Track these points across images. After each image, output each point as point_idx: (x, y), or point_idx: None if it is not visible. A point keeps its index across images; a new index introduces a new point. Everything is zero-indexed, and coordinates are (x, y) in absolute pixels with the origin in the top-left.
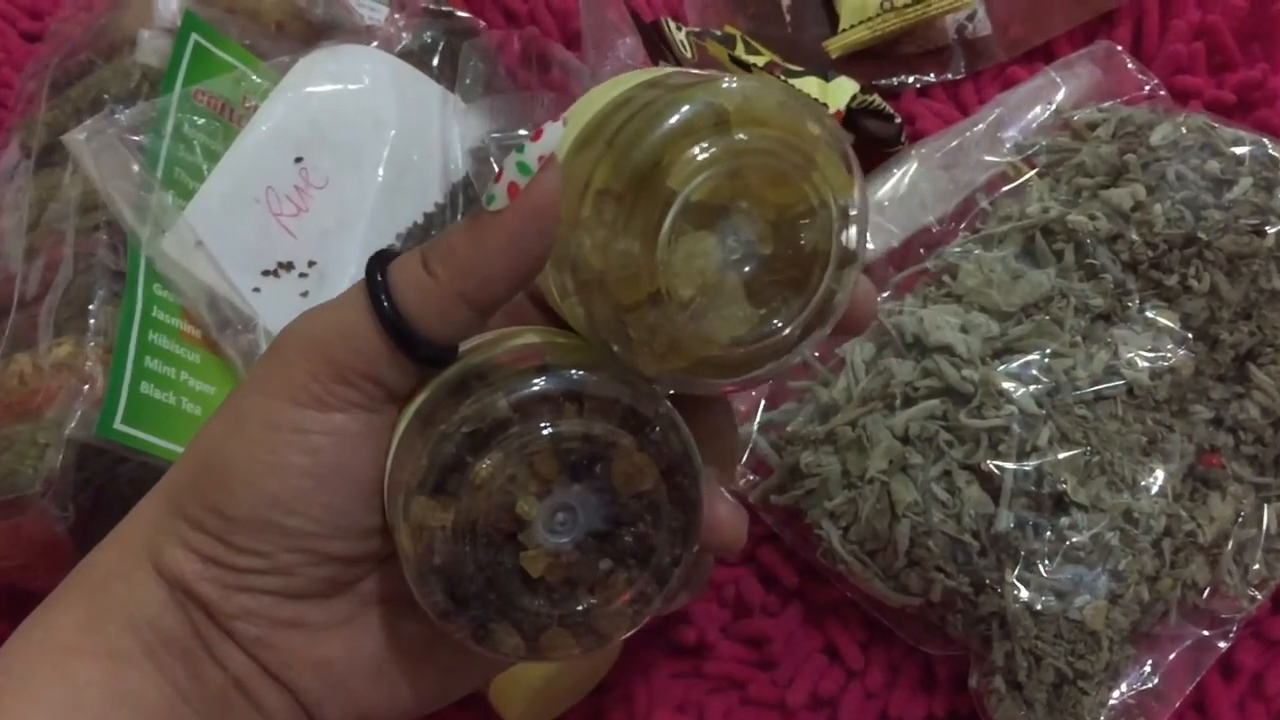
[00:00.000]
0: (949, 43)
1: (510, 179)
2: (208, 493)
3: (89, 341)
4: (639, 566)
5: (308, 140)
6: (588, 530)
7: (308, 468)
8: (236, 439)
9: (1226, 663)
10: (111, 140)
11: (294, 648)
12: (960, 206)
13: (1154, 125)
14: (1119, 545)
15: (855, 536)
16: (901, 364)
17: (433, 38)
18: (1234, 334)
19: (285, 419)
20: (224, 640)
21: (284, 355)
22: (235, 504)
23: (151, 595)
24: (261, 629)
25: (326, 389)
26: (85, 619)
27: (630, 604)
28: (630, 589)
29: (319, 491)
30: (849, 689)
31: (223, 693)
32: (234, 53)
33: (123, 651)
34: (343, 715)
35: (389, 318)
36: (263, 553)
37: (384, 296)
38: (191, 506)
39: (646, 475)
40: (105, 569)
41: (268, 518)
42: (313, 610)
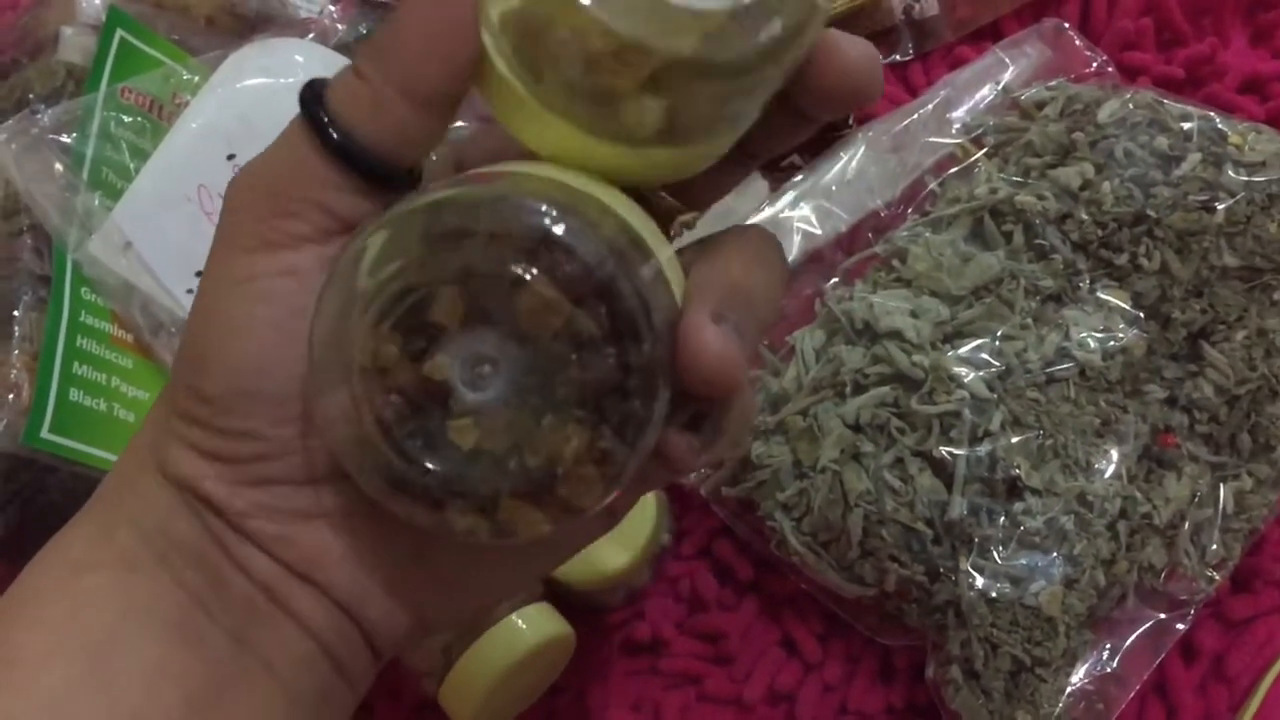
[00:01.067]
0: (896, 24)
1: None
2: (188, 377)
3: (14, 349)
4: (588, 416)
5: (241, 136)
6: (515, 383)
7: (268, 317)
8: (199, 308)
9: (1187, 645)
10: (34, 141)
11: (319, 541)
12: (909, 189)
13: (1102, 103)
14: (1074, 529)
15: (808, 527)
16: (851, 351)
17: (369, 29)
18: (1186, 312)
19: (237, 269)
20: (243, 543)
21: (229, 207)
22: (210, 380)
23: (160, 500)
24: (280, 524)
25: (271, 226)
26: (95, 532)
27: (594, 465)
28: (583, 443)
29: (285, 343)
30: (807, 682)
31: (247, 600)
32: (162, 48)
33: (133, 561)
34: (388, 612)
35: (320, 123)
36: (251, 431)
37: (315, 108)
38: (179, 399)
39: (555, 308)
40: (116, 480)
41: (241, 386)
42: (329, 496)
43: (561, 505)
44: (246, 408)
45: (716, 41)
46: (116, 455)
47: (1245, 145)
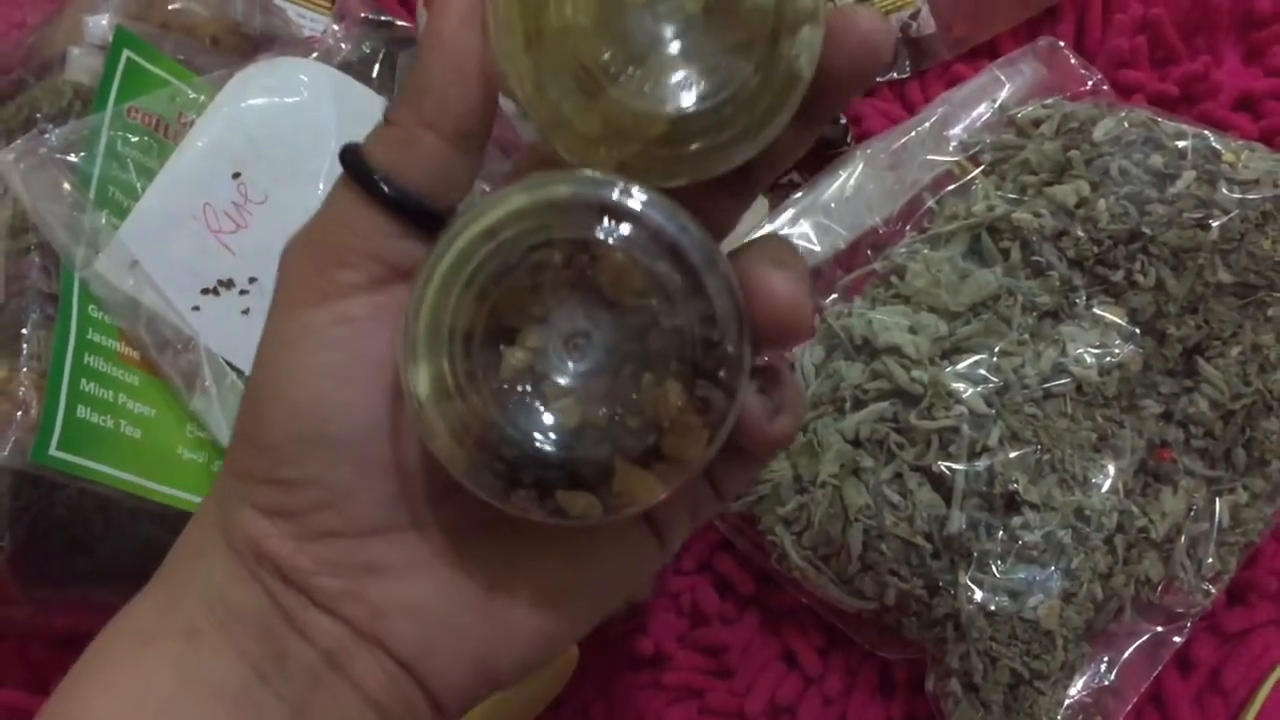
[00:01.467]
0: (893, 42)
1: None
2: (249, 435)
3: (22, 366)
4: (685, 369)
5: (246, 155)
6: (609, 350)
7: (323, 365)
8: (258, 367)
9: (1183, 658)
10: (42, 160)
11: (381, 596)
12: (906, 207)
13: (1097, 121)
14: (1071, 543)
15: (809, 542)
16: (851, 366)
17: (372, 48)
18: (1181, 328)
19: (293, 325)
20: (306, 607)
21: (283, 269)
22: (270, 430)
23: (222, 569)
24: (344, 580)
25: (326, 279)
26: (163, 602)
27: (697, 414)
28: (684, 394)
29: (341, 388)
30: (807, 695)
31: (309, 671)
32: (168, 68)
33: (196, 631)
34: (451, 665)
35: (361, 172)
36: (311, 478)
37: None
38: (241, 459)
39: (636, 268)
40: (183, 551)
41: (300, 432)
42: (390, 550)
43: (671, 462)
44: (305, 453)
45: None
46: (124, 471)
47: (1239, 163)
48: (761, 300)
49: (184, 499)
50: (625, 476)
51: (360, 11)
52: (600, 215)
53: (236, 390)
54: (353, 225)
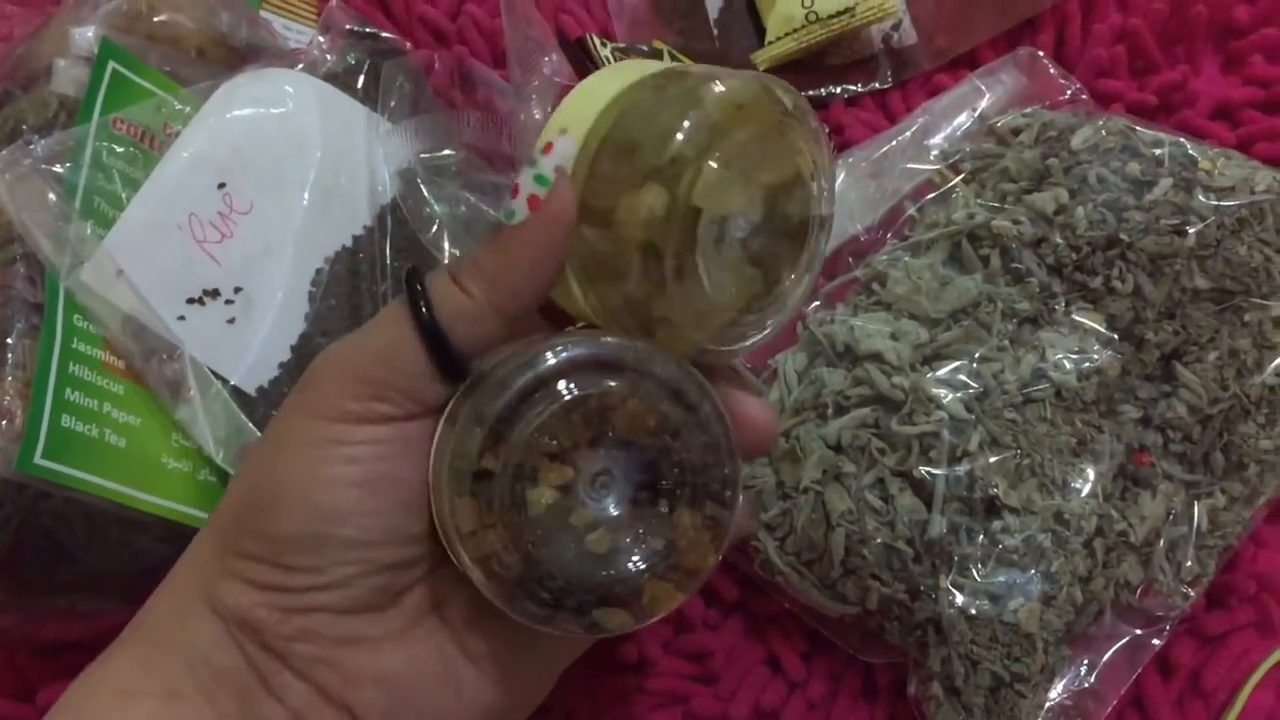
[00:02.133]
0: (875, 52)
1: (529, 192)
2: (256, 521)
3: (7, 375)
4: (694, 494)
5: (231, 165)
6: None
7: (352, 477)
8: (279, 461)
9: (1164, 660)
10: (27, 171)
11: (354, 665)
12: (888, 215)
13: (1075, 129)
14: (1051, 547)
15: (792, 547)
16: (833, 373)
17: (357, 59)
18: (1159, 333)
19: (326, 434)
20: (281, 670)
21: (320, 380)
22: (285, 523)
23: (206, 633)
24: (320, 648)
25: (365, 406)
26: (142, 661)
27: (706, 531)
28: (697, 517)
29: (365, 499)
30: (791, 700)
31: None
32: (154, 79)
33: (178, 691)
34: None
35: (432, 336)
36: (316, 567)
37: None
38: (241, 539)
39: (648, 412)
40: (160, 614)
41: (318, 531)
42: (368, 625)
43: (687, 572)
44: (317, 548)
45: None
46: (109, 480)
47: (1215, 170)
48: (744, 425)
49: (169, 508)
50: (653, 591)
51: (345, 23)
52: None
53: (221, 399)
54: (404, 368)
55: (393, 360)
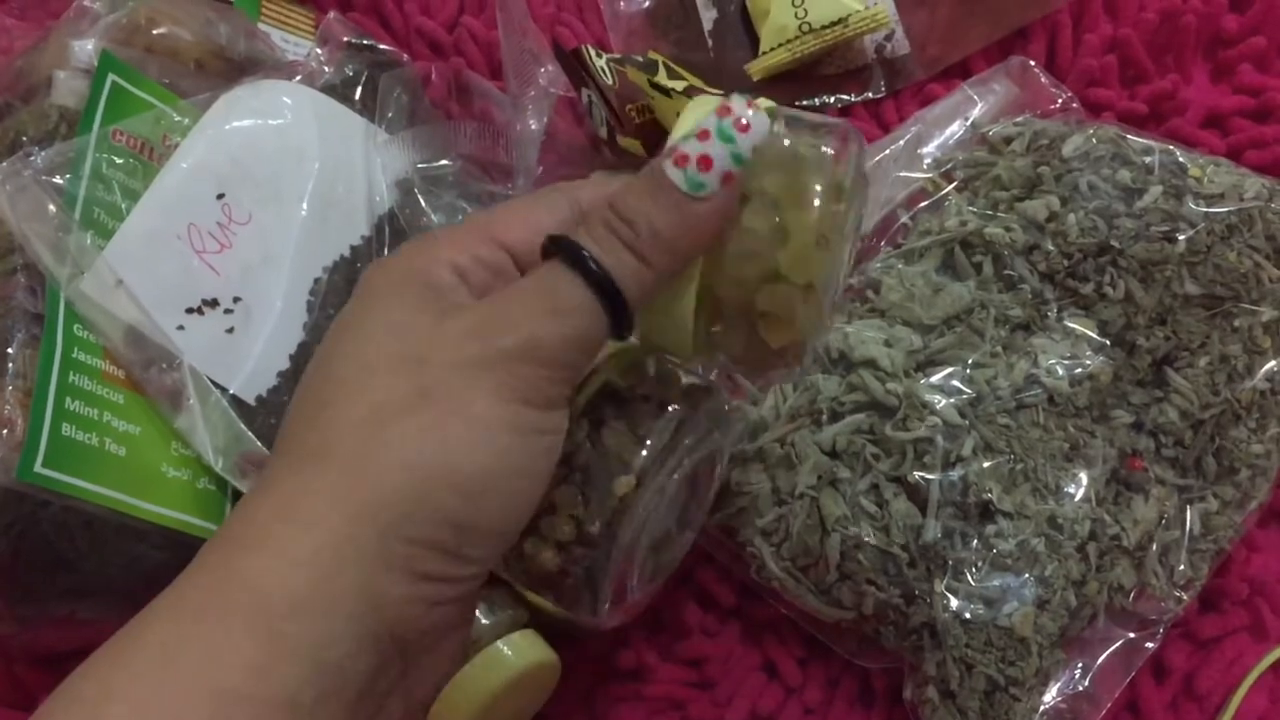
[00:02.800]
0: (868, 62)
1: (726, 169)
2: (450, 507)
3: (8, 385)
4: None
5: (230, 176)
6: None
7: (544, 469)
8: (480, 448)
9: (1158, 664)
10: (27, 182)
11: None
12: (881, 223)
13: (1066, 137)
14: (1045, 551)
15: (787, 553)
16: (827, 379)
17: (355, 71)
18: (1150, 339)
19: (527, 421)
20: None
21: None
22: (488, 516)
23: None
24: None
25: (557, 390)
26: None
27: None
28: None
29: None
30: (788, 706)
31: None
32: (153, 91)
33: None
34: None
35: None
36: (488, 559)
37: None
38: (422, 525)
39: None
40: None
41: (504, 529)
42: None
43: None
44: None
45: None
46: (109, 489)
47: (1205, 178)
48: None
49: (169, 516)
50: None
51: (343, 35)
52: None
53: (221, 408)
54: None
55: (587, 346)
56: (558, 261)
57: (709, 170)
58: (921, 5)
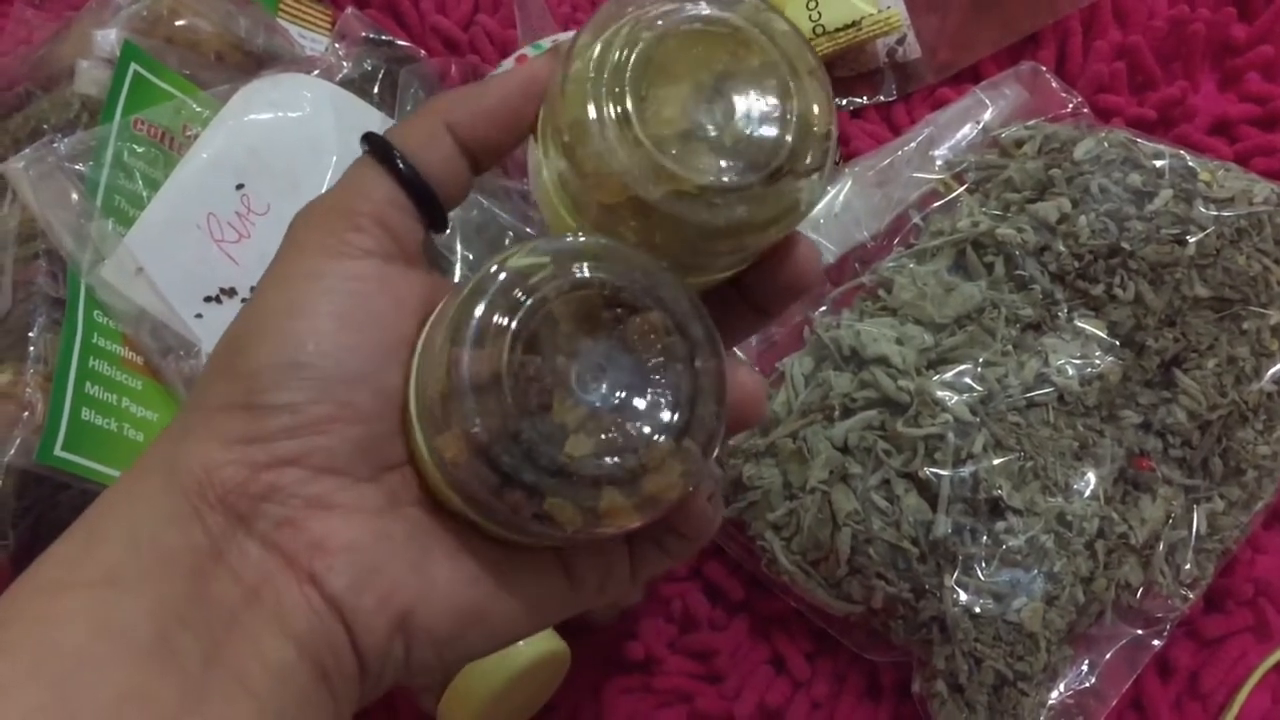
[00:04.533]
0: (880, 66)
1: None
2: (231, 363)
3: (29, 369)
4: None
5: (249, 167)
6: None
7: (329, 308)
8: (254, 304)
9: (1163, 662)
10: (50, 168)
11: (323, 529)
12: (893, 223)
13: (1077, 141)
14: (1053, 548)
15: (798, 547)
16: (839, 376)
17: (373, 66)
18: (1159, 340)
19: (302, 269)
20: (244, 538)
21: (295, 225)
22: (259, 355)
23: (158, 510)
24: (289, 509)
25: (339, 239)
26: (77, 549)
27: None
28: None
29: (342, 332)
30: (796, 699)
31: (230, 609)
32: (173, 82)
33: (115, 578)
34: (377, 612)
35: (383, 148)
36: (291, 405)
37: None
38: (212, 390)
39: (664, 331)
40: (106, 499)
41: (293, 359)
42: (342, 491)
43: (650, 501)
44: (290, 379)
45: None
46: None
47: (1215, 182)
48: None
49: None
50: (611, 500)
51: (361, 31)
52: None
53: None
54: (369, 193)
55: (362, 189)
56: None
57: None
58: (933, 10)
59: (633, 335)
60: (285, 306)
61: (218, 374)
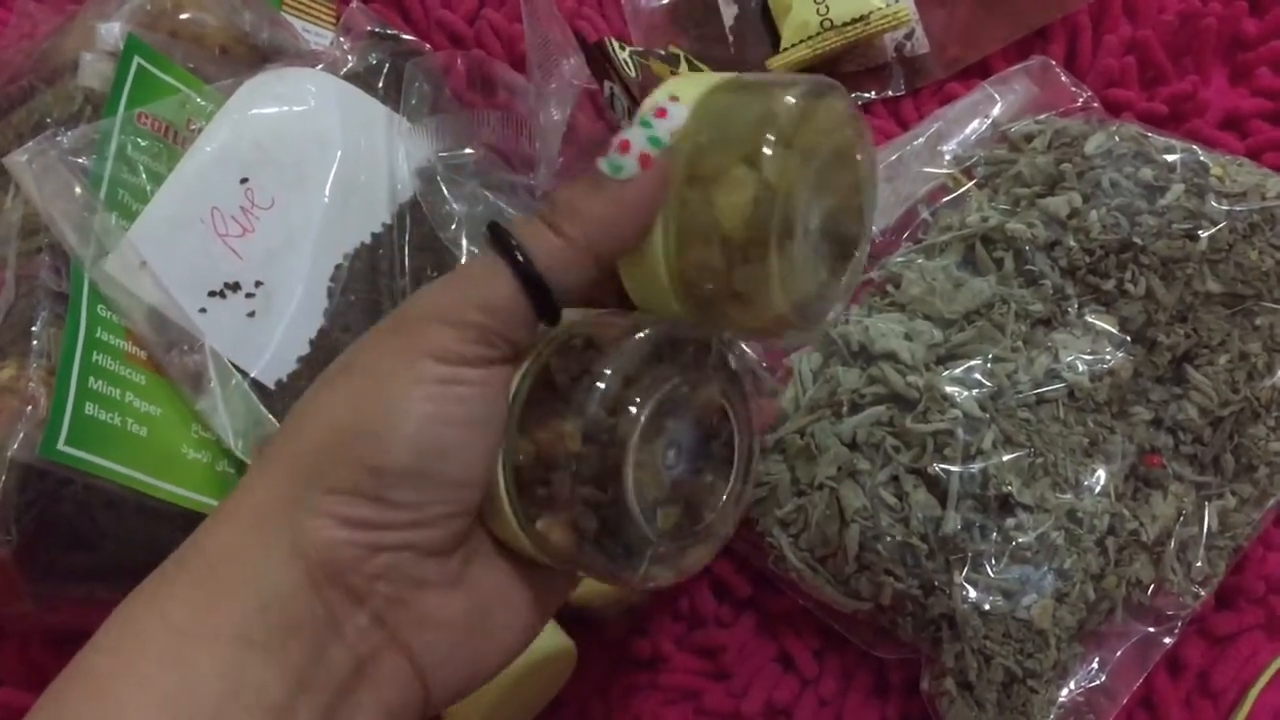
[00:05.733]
0: (888, 60)
1: (642, 150)
2: (360, 453)
3: (32, 363)
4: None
5: (253, 161)
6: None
7: (460, 417)
8: (385, 398)
9: (1173, 660)
10: (53, 162)
11: (426, 608)
12: (902, 218)
13: (1088, 135)
14: (1064, 544)
15: (806, 543)
16: (848, 372)
17: (378, 60)
18: (1170, 336)
19: (435, 373)
20: (356, 612)
21: (420, 323)
22: (396, 457)
23: (285, 574)
24: (399, 588)
25: (471, 349)
26: (202, 600)
27: (732, 501)
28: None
29: (470, 440)
30: (803, 697)
31: (344, 678)
32: (178, 76)
33: (247, 637)
34: (455, 673)
35: (532, 279)
36: (416, 504)
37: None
38: (335, 473)
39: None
40: (226, 546)
41: (427, 467)
42: (435, 568)
43: (716, 538)
44: (422, 484)
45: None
46: (130, 468)
47: (1227, 176)
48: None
49: (187, 497)
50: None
51: (366, 25)
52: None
53: (241, 391)
54: (501, 309)
55: (494, 304)
56: (484, 245)
57: (627, 152)
58: (941, 5)
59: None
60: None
61: (338, 459)
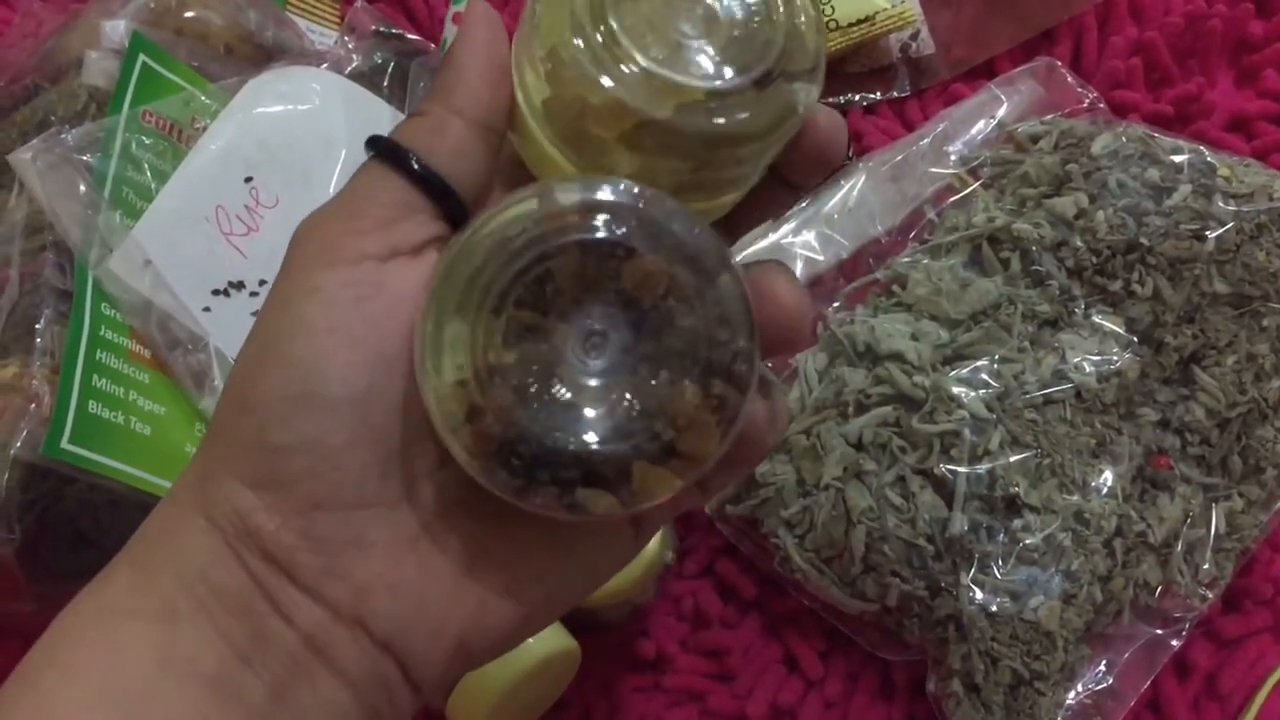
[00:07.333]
0: (893, 61)
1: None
2: (243, 393)
3: (35, 361)
4: (701, 368)
5: (258, 160)
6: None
7: (329, 323)
8: (256, 331)
9: (1181, 663)
10: (58, 159)
11: (365, 573)
12: (908, 218)
13: (1095, 136)
14: (1071, 546)
15: (811, 544)
16: (854, 372)
17: (383, 59)
18: (1178, 337)
19: (299, 283)
20: (288, 585)
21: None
22: (263, 388)
23: (202, 546)
24: (327, 557)
25: (339, 245)
26: (135, 579)
27: (711, 412)
28: (702, 395)
29: (342, 348)
30: (808, 698)
31: (291, 653)
32: (182, 74)
33: (174, 610)
34: (431, 645)
35: (390, 149)
36: (301, 442)
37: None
38: (230, 424)
39: (660, 272)
40: (154, 530)
41: (296, 390)
42: (375, 525)
43: (686, 459)
44: (297, 412)
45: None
46: (133, 467)
47: (1234, 177)
48: (769, 305)
49: None
50: (644, 474)
51: (370, 24)
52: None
53: None
54: (376, 196)
55: (369, 192)
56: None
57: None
58: (947, 6)
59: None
60: (287, 329)
61: (231, 406)
